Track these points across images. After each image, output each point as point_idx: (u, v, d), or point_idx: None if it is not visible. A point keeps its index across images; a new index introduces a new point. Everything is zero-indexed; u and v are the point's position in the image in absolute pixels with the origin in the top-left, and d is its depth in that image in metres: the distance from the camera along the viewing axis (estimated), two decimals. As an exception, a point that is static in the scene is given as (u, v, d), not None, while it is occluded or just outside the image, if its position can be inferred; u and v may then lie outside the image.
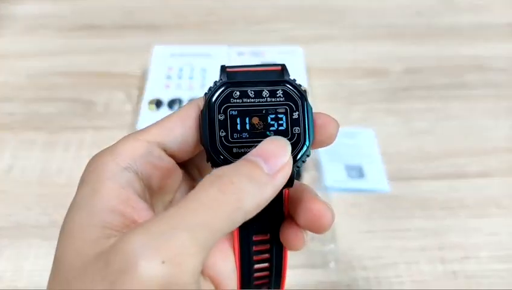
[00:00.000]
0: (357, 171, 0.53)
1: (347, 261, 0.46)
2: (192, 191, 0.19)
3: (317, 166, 0.54)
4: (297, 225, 0.24)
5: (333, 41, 0.71)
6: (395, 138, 0.58)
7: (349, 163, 0.54)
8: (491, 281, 0.45)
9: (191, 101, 0.24)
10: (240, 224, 0.20)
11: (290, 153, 0.21)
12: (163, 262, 0.17)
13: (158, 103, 0.58)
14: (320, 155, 0.55)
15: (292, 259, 0.46)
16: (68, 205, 0.22)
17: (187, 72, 0.62)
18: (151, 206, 0.23)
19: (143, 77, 0.63)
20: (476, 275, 0.45)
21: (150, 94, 0.59)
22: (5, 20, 0.73)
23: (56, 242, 0.21)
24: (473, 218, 0.50)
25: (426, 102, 0.62)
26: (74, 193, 0.22)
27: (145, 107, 0.57)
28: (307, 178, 0.52)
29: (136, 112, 0.59)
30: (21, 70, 0.65)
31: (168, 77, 0.61)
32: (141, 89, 0.62)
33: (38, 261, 0.45)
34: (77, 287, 0.18)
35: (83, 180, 0.22)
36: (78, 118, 0.59)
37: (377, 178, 0.53)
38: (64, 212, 0.22)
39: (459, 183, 0.53)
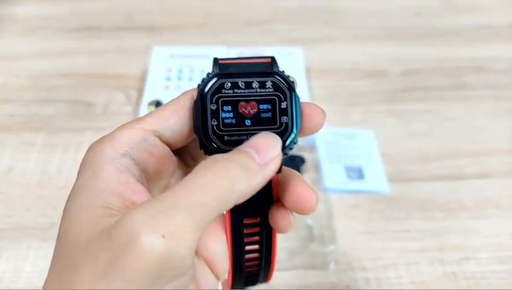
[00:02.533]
0: (357, 173, 0.53)
1: (347, 262, 0.46)
2: (189, 175, 0.21)
3: (317, 167, 0.54)
4: (284, 207, 0.25)
5: (333, 43, 0.71)
6: (394, 139, 0.58)
7: (349, 164, 0.54)
8: (491, 282, 0.45)
9: (185, 91, 0.25)
10: (231, 206, 0.21)
11: (280, 148, 0.23)
12: (163, 236, 0.19)
13: (157, 104, 0.58)
14: (320, 156, 0.55)
15: (292, 260, 0.47)
16: (68, 206, 0.22)
17: (186, 73, 0.62)
18: (148, 190, 0.24)
19: (142, 78, 0.63)
20: (475, 276, 0.45)
21: (149, 95, 0.59)
22: (5, 21, 0.73)
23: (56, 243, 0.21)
24: (473, 219, 0.50)
25: (426, 103, 0.62)
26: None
27: (144, 109, 0.57)
28: (306, 179, 0.52)
29: (135, 113, 0.59)
30: (21, 71, 0.65)
31: (168, 78, 0.61)
32: (140, 90, 0.62)
33: (38, 263, 0.45)
34: (82, 262, 0.19)
35: (83, 166, 0.23)
36: (78, 119, 0.59)
37: (376, 179, 0.53)
38: (63, 213, 0.22)
39: (458, 184, 0.53)
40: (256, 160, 0.22)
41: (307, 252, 0.46)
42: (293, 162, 0.53)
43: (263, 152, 0.22)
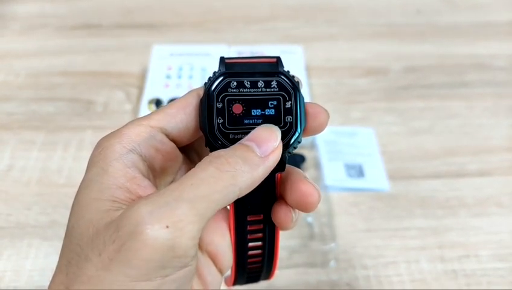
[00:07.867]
0: (357, 170, 0.53)
1: (347, 260, 0.46)
2: (193, 169, 0.22)
3: (317, 165, 0.54)
4: (287, 205, 0.26)
5: (333, 40, 0.71)
6: (395, 137, 0.58)
7: (349, 162, 0.54)
8: (491, 280, 0.45)
9: (191, 90, 0.26)
10: (234, 199, 0.22)
11: (280, 139, 0.24)
12: (167, 227, 0.20)
13: (158, 103, 0.58)
14: (320, 154, 0.55)
15: (292, 258, 0.46)
16: (68, 204, 0.23)
17: (187, 72, 0.61)
18: (155, 185, 0.24)
19: (142, 77, 0.63)
20: (475, 274, 0.45)
21: (149, 93, 0.59)
22: (4, 20, 0.73)
23: (56, 242, 0.21)
24: (473, 217, 0.50)
25: (426, 101, 0.62)
26: (74, 193, 0.23)
27: (144, 107, 0.57)
28: (306, 177, 0.52)
29: (135, 111, 0.59)
30: (20, 69, 0.65)
31: (168, 77, 0.61)
32: (141, 89, 0.62)
33: (38, 261, 0.45)
34: (90, 251, 0.20)
35: (91, 161, 0.24)
36: (78, 117, 0.59)
37: (376, 177, 0.53)
38: (64, 212, 0.22)
39: (459, 182, 0.53)
40: (257, 153, 0.22)
41: (307, 250, 0.47)
42: (293, 160, 0.53)
43: (263, 144, 0.23)
